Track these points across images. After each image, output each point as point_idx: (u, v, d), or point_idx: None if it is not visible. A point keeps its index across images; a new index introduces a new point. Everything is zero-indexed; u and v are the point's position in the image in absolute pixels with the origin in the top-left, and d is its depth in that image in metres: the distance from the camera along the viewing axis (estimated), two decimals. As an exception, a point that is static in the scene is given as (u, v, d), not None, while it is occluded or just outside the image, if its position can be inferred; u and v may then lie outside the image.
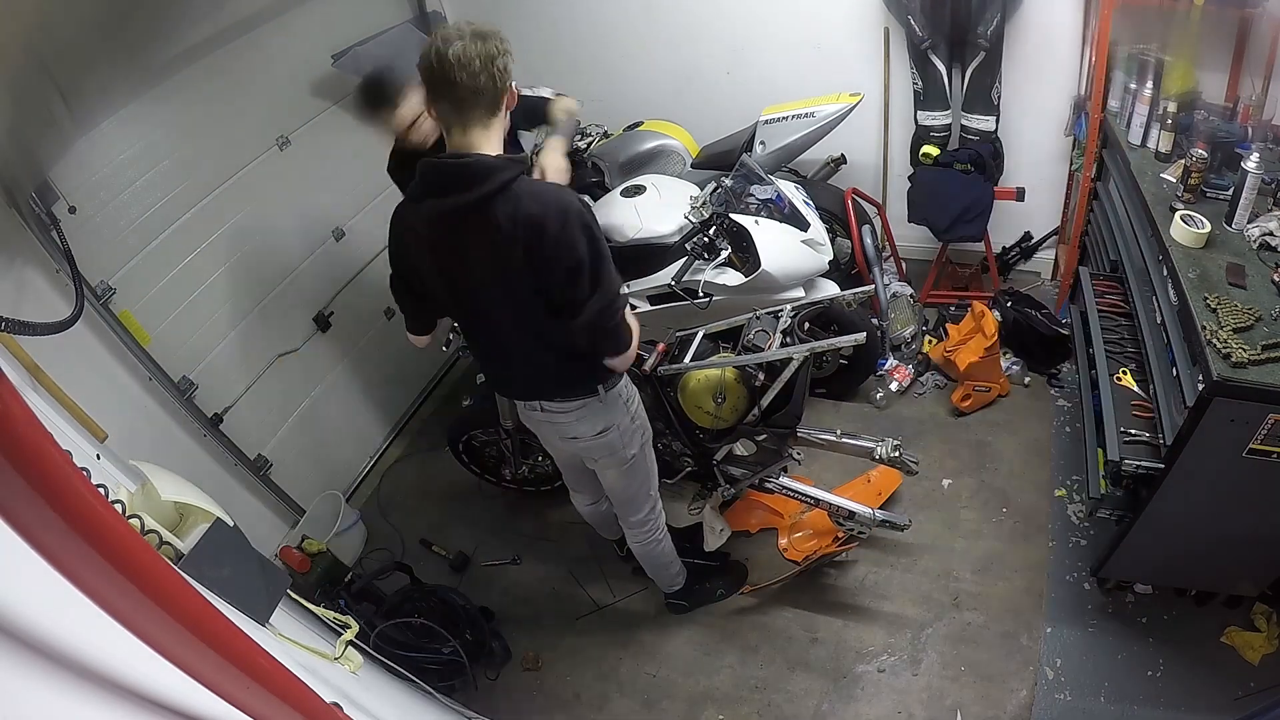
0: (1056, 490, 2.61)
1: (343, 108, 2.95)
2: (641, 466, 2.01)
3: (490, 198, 1.43)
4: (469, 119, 1.44)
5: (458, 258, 1.53)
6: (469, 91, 1.39)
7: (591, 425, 1.83)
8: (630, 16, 3.34)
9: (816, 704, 2.19)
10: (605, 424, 1.84)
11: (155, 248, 2.31)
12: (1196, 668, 2.07)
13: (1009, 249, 3.37)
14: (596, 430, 1.84)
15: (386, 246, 1.66)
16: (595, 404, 1.79)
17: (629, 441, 1.91)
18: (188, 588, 0.69)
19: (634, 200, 2.71)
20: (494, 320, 1.65)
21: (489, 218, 1.44)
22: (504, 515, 2.94)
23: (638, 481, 2.04)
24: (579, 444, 1.90)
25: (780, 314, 2.16)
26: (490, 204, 1.44)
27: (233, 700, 0.72)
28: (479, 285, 1.57)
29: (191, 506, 1.45)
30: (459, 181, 1.44)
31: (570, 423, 1.83)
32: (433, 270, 1.59)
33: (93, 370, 2.10)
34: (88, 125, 2.10)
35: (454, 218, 1.47)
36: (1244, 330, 1.67)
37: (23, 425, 0.49)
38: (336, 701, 1.03)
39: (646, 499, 2.11)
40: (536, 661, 2.44)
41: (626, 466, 1.96)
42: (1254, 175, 1.90)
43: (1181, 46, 2.32)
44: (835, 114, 2.91)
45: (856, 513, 2.28)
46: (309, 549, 2.40)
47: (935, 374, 3.07)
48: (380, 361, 3.20)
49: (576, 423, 1.83)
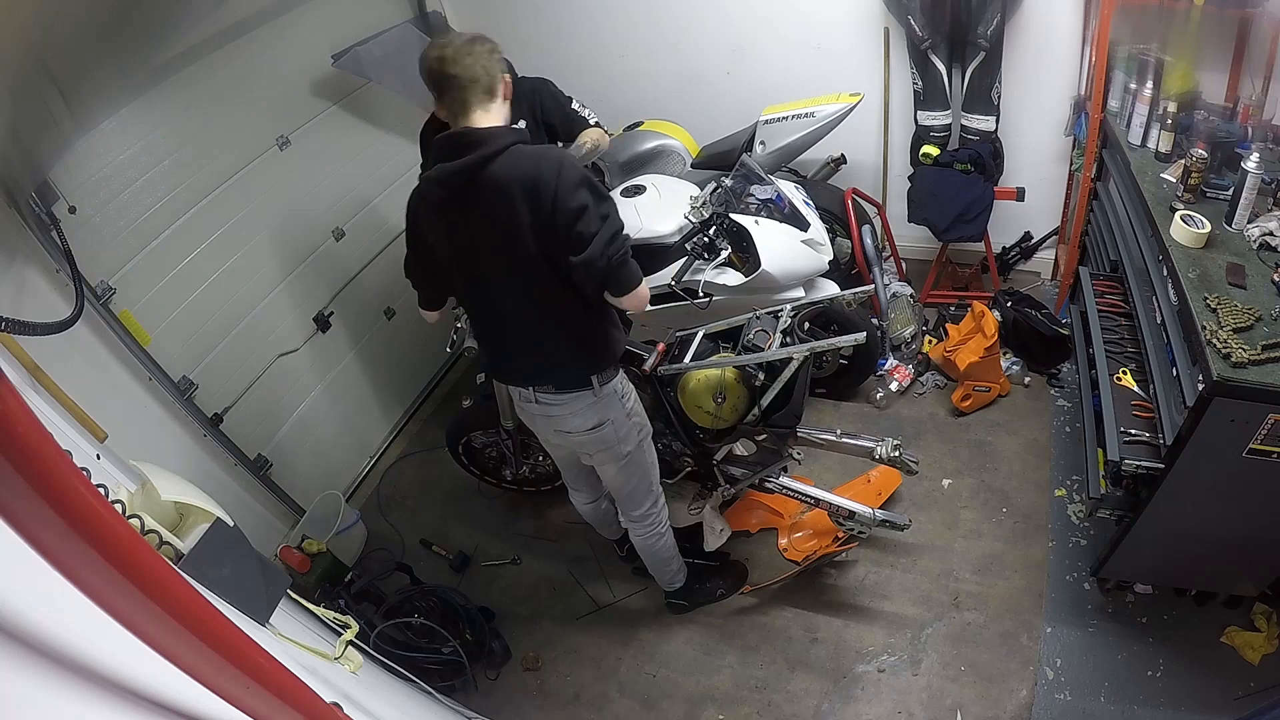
0: (1056, 490, 2.61)
1: (343, 108, 2.96)
2: (639, 462, 2.02)
3: (490, 158, 1.54)
4: (470, 104, 1.58)
5: (461, 217, 1.60)
6: (466, 80, 1.55)
7: (585, 419, 1.84)
8: (631, 16, 3.34)
9: (816, 704, 2.19)
10: (599, 418, 1.84)
11: (155, 248, 2.31)
12: (1196, 668, 2.07)
13: (1009, 249, 3.37)
14: (590, 425, 1.85)
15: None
16: (589, 397, 1.81)
17: (625, 437, 1.91)
18: (188, 588, 0.69)
19: (634, 200, 2.71)
20: (497, 291, 1.70)
21: (491, 178, 1.54)
22: (504, 515, 2.94)
23: (635, 477, 2.05)
24: (573, 438, 1.91)
25: (780, 314, 2.16)
26: (488, 165, 1.54)
27: (233, 700, 0.72)
28: (480, 249, 1.63)
29: (191, 506, 1.45)
30: (464, 147, 1.56)
31: (564, 415, 1.84)
32: (442, 238, 1.67)
33: (93, 370, 2.10)
34: (88, 125, 2.10)
35: (460, 177, 1.56)
36: (1244, 330, 1.67)
37: (23, 425, 0.49)
38: (336, 701, 1.03)
39: (647, 494, 2.11)
40: (536, 661, 2.44)
41: (623, 462, 1.97)
42: (1254, 175, 1.90)
43: (1181, 46, 2.32)
44: (835, 114, 2.91)
45: (856, 512, 2.28)
46: (309, 549, 2.40)
47: (935, 374, 3.07)
48: (380, 362, 3.20)
49: (570, 416, 1.84)
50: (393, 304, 3.21)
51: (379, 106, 3.07)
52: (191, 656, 0.66)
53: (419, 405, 3.51)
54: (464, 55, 1.54)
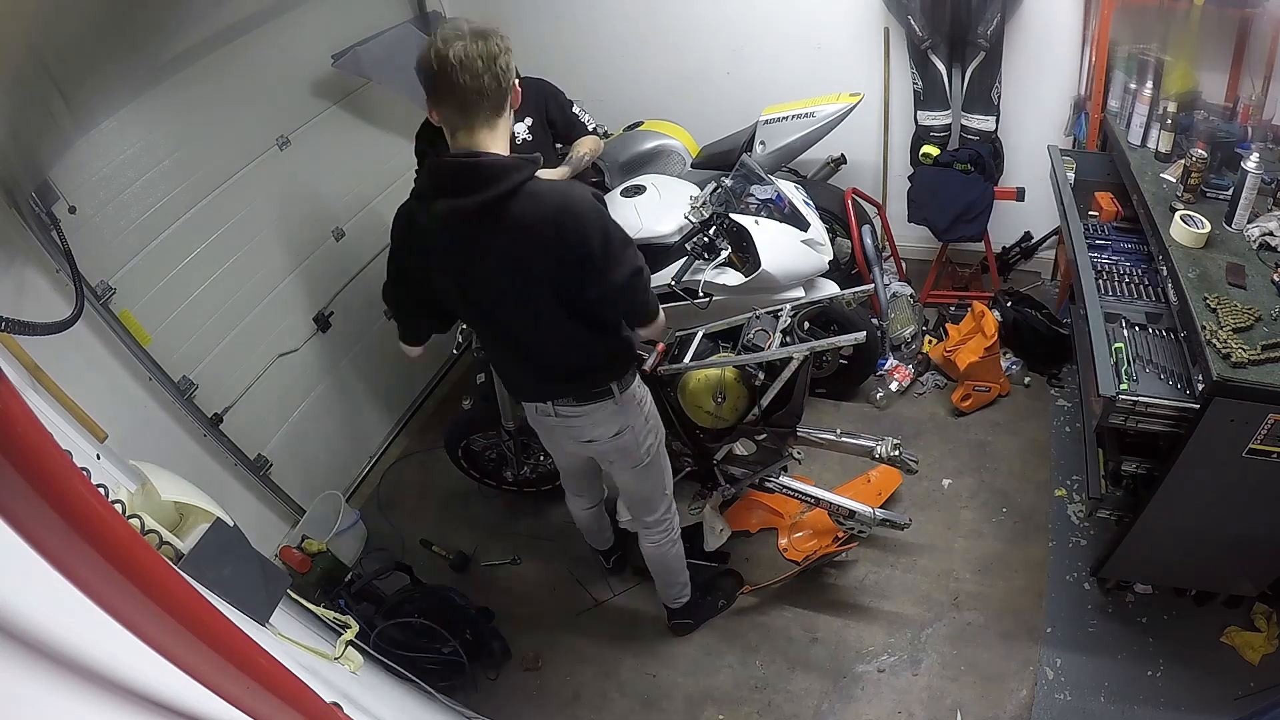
0: (1056, 490, 2.61)
1: (343, 108, 2.96)
2: (656, 466, 2.01)
3: (504, 198, 1.41)
4: (474, 121, 1.40)
5: (472, 258, 1.49)
6: (473, 94, 1.36)
7: (607, 428, 1.82)
8: (631, 16, 3.34)
9: (816, 704, 2.19)
10: (620, 425, 1.83)
11: (155, 248, 2.31)
12: (1196, 668, 2.07)
13: (1009, 249, 3.36)
14: (613, 432, 1.83)
15: (386, 246, 1.63)
16: (610, 405, 1.78)
17: (644, 442, 1.90)
18: (188, 588, 0.69)
19: (634, 200, 2.71)
20: (510, 320, 1.62)
21: (504, 217, 1.42)
22: (504, 515, 2.94)
23: (652, 481, 2.04)
24: (594, 446, 1.88)
25: (780, 314, 2.16)
26: (505, 204, 1.42)
27: (233, 700, 0.72)
28: (494, 286, 1.54)
29: (191, 506, 1.45)
30: (472, 181, 1.41)
31: (585, 425, 1.81)
32: (443, 272, 1.54)
33: (93, 370, 2.09)
34: (88, 125, 2.10)
35: (469, 217, 1.44)
36: (1244, 330, 1.67)
37: (23, 425, 0.49)
38: (336, 701, 1.03)
39: (662, 499, 2.10)
40: (536, 661, 2.44)
41: (642, 467, 1.95)
42: (1254, 175, 1.90)
43: (1181, 46, 2.32)
44: (835, 114, 2.91)
45: (857, 512, 2.28)
46: (309, 549, 2.40)
47: (935, 374, 3.07)
48: (380, 361, 3.20)
49: (592, 426, 1.81)
50: (393, 304, 3.21)
51: (379, 106, 3.08)
52: (192, 656, 0.66)
53: (419, 405, 3.51)
54: (474, 60, 1.33)
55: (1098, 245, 2.29)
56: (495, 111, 1.42)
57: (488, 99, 1.38)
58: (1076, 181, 2.51)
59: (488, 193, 1.39)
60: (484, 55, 1.34)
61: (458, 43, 1.32)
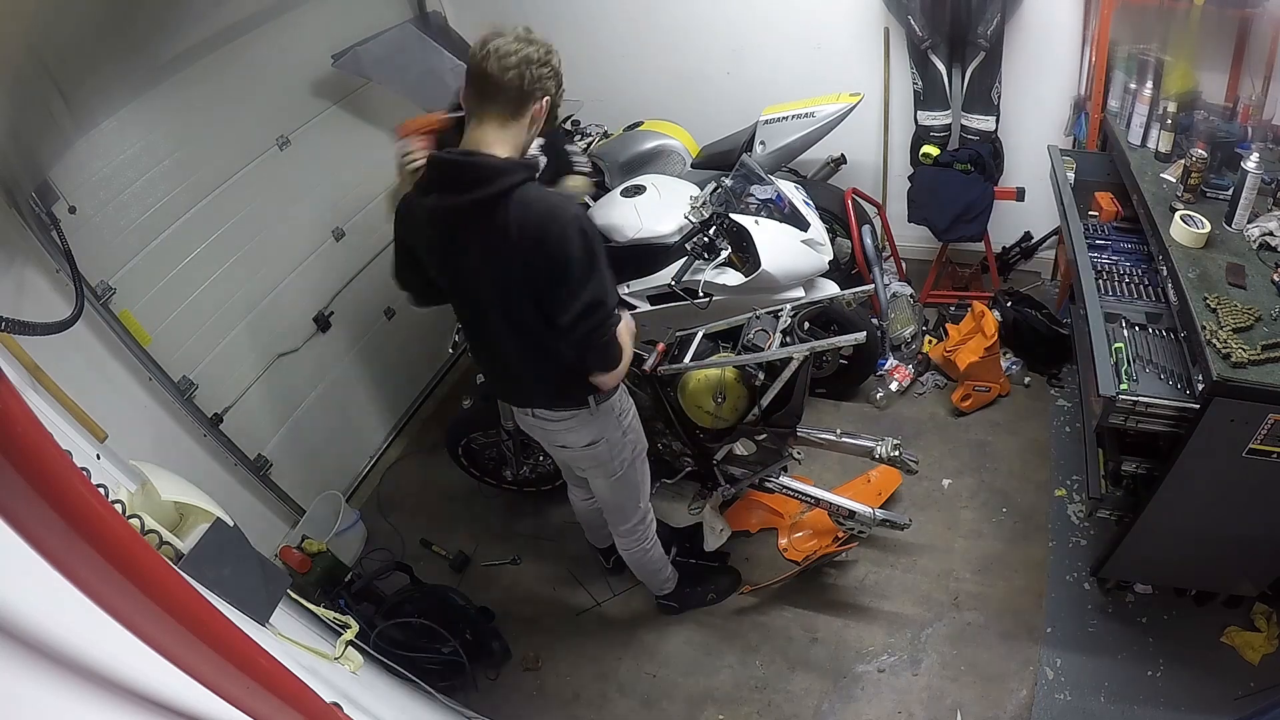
0: (1056, 490, 2.61)
1: (343, 108, 2.96)
2: (630, 479, 1.99)
3: (491, 201, 1.41)
4: (486, 112, 1.43)
5: (457, 258, 1.53)
6: (494, 83, 1.40)
7: (580, 436, 1.82)
8: (630, 16, 3.34)
9: (816, 704, 2.19)
10: (595, 436, 1.82)
11: (155, 248, 2.31)
12: (1196, 668, 2.07)
13: (1009, 249, 3.36)
14: (585, 442, 1.83)
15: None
16: (585, 415, 1.78)
17: (618, 454, 1.89)
18: (188, 588, 0.69)
19: (634, 200, 2.71)
20: (490, 323, 1.64)
21: (491, 221, 1.43)
22: (504, 515, 2.94)
23: (625, 493, 2.03)
24: (567, 453, 1.90)
25: (780, 314, 2.16)
26: (492, 208, 1.42)
27: (233, 700, 0.72)
28: (476, 287, 1.56)
29: (191, 506, 1.45)
30: (461, 180, 1.43)
31: (560, 431, 1.82)
32: (434, 265, 1.60)
33: (93, 370, 2.09)
34: (88, 125, 2.10)
35: (453, 217, 1.46)
36: (1244, 330, 1.67)
37: (23, 425, 0.49)
38: (336, 701, 1.03)
39: (635, 510, 2.10)
40: (536, 661, 2.44)
41: (615, 478, 1.95)
42: (1254, 175, 1.90)
43: (1181, 46, 2.32)
44: (835, 114, 2.91)
45: (857, 512, 2.28)
46: (309, 549, 2.40)
47: (935, 374, 3.07)
48: (380, 362, 3.20)
49: (566, 432, 1.82)
50: (393, 304, 3.20)
51: (379, 106, 3.07)
52: (192, 656, 0.66)
53: (419, 405, 3.50)
54: (509, 54, 1.37)
55: (1098, 245, 2.29)
56: (509, 111, 1.43)
57: (504, 94, 1.41)
58: (1076, 181, 2.51)
59: (478, 192, 1.41)
60: (519, 54, 1.38)
61: (504, 37, 1.39)
